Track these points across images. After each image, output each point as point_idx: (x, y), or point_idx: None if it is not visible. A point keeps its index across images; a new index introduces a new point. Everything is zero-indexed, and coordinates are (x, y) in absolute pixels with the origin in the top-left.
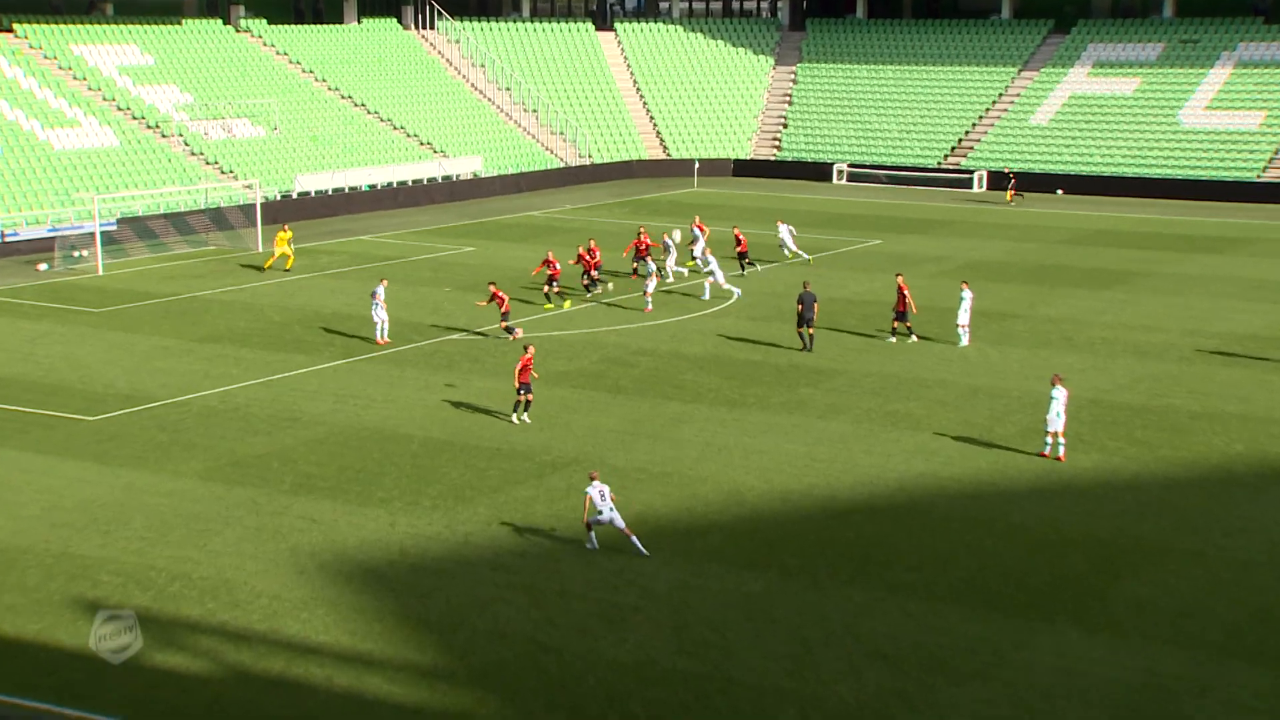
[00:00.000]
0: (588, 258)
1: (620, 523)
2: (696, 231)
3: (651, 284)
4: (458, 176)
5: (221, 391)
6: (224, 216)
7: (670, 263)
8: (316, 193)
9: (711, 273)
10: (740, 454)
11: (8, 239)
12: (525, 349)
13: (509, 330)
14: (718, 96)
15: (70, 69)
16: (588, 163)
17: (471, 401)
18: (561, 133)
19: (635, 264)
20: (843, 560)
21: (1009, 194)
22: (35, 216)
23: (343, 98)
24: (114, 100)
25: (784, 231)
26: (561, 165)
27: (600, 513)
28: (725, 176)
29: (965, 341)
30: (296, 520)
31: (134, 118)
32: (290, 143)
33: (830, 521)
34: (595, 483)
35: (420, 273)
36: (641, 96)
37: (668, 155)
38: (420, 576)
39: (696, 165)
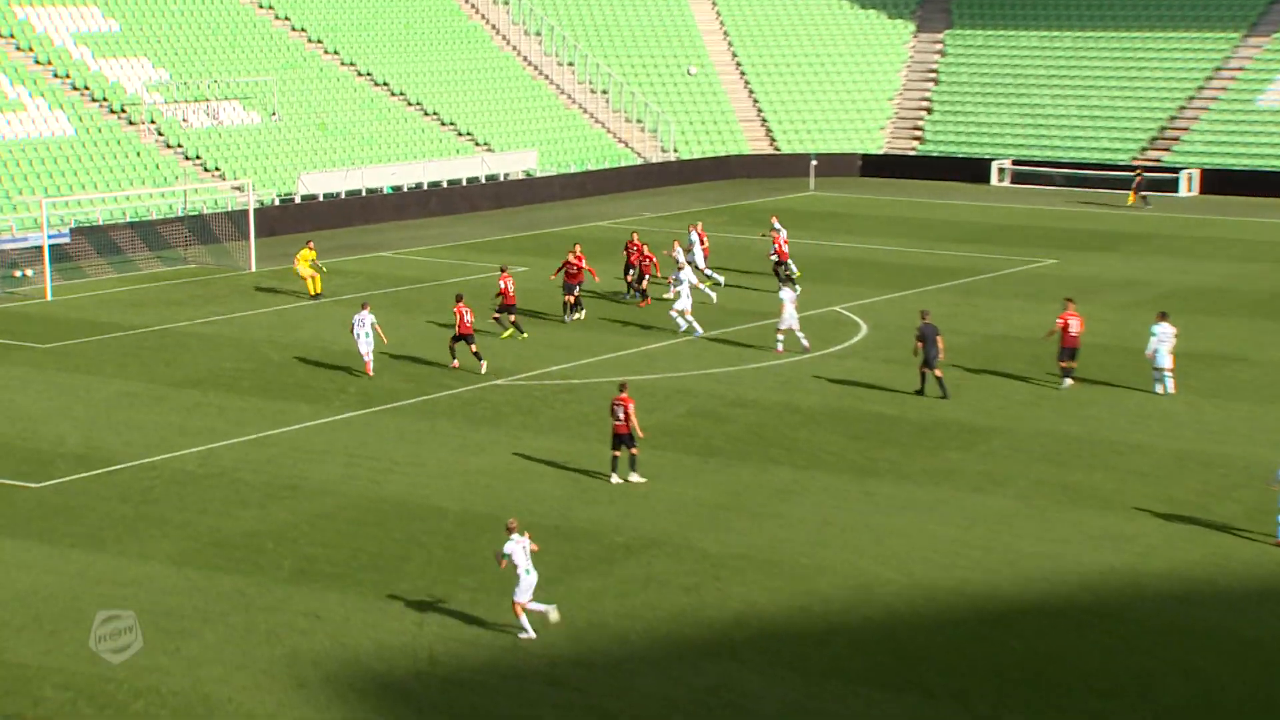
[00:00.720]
0: (639, 257)
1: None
2: (695, 238)
3: (682, 303)
4: (506, 176)
5: (202, 451)
6: (208, 227)
7: (683, 281)
8: (326, 196)
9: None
10: (869, 537)
11: None
12: (621, 388)
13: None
14: (841, 75)
15: (12, 36)
16: (672, 159)
17: (522, 465)
18: (639, 121)
19: (635, 283)
20: (1006, 682)
21: (1131, 195)
22: None
23: (359, 75)
24: (68, 77)
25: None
26: (639, 162)
27: (519, 581)
28: (850, 176)
29: (1167, 389)
30: (296, 618)
31: (93, 99)
32: (293, 133)
33: (989, 629)
34: (515, 536)
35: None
36: (743, 75)
37: (776, 150)
38: (455, 693)
39: (813, 163)
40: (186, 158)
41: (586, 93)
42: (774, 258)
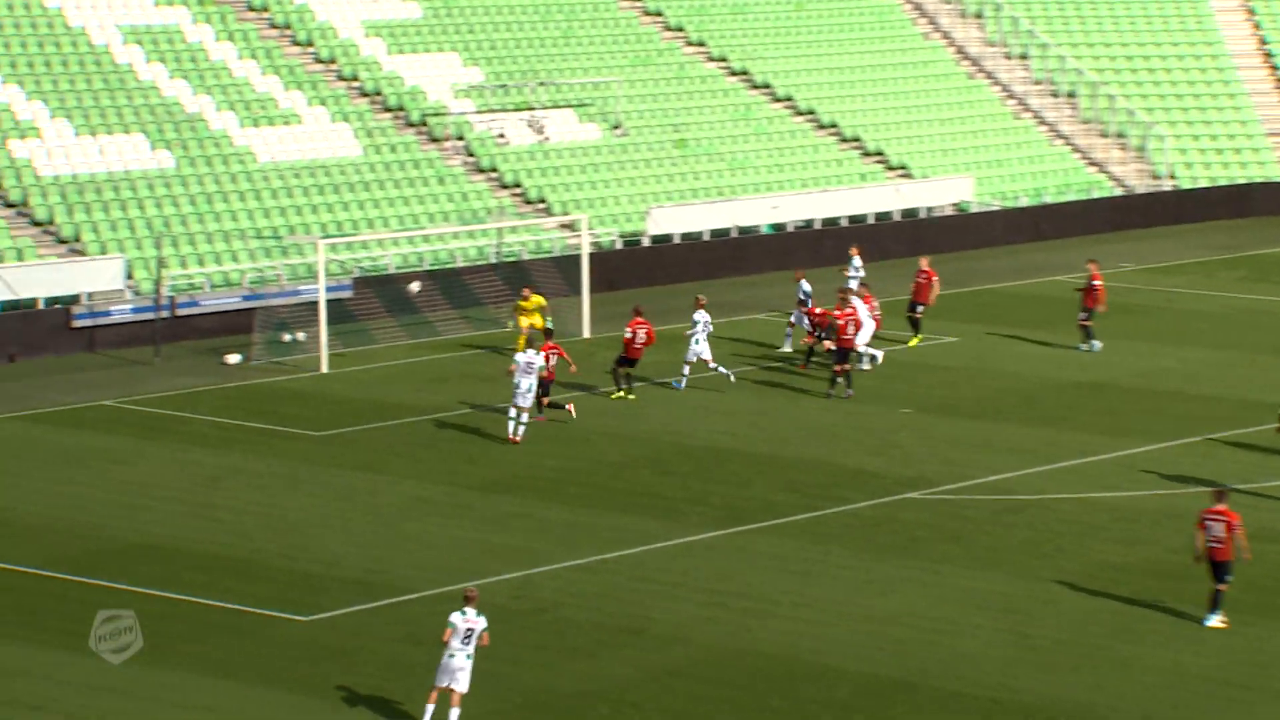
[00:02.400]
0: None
1: (460, 682)
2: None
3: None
4: (929, 212)
5: (516, 579)
6: (529, 278)
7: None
8: (684, 238)
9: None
10: None
11: (180, 310)
12: (1219, 497)
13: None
14: None
15: (288, 28)
16: (1166, 189)
17: (947, 613)
18: (1119, 135)
19: (817, 337)
20: None
21: None
22: (224, 274)
23: (731, 74)
24: (355, 80)
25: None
26: (1118, 193)
27: (453, 655)
28: None
29: None
30: None
31: (385, 109)
32: (641, 152)
33: None
34: (468, 610)
35: (856, 378)
36: (1277, 73)
37: None
38: None
39: None
40: (503, 185)
41: (1046, 97)
42: None
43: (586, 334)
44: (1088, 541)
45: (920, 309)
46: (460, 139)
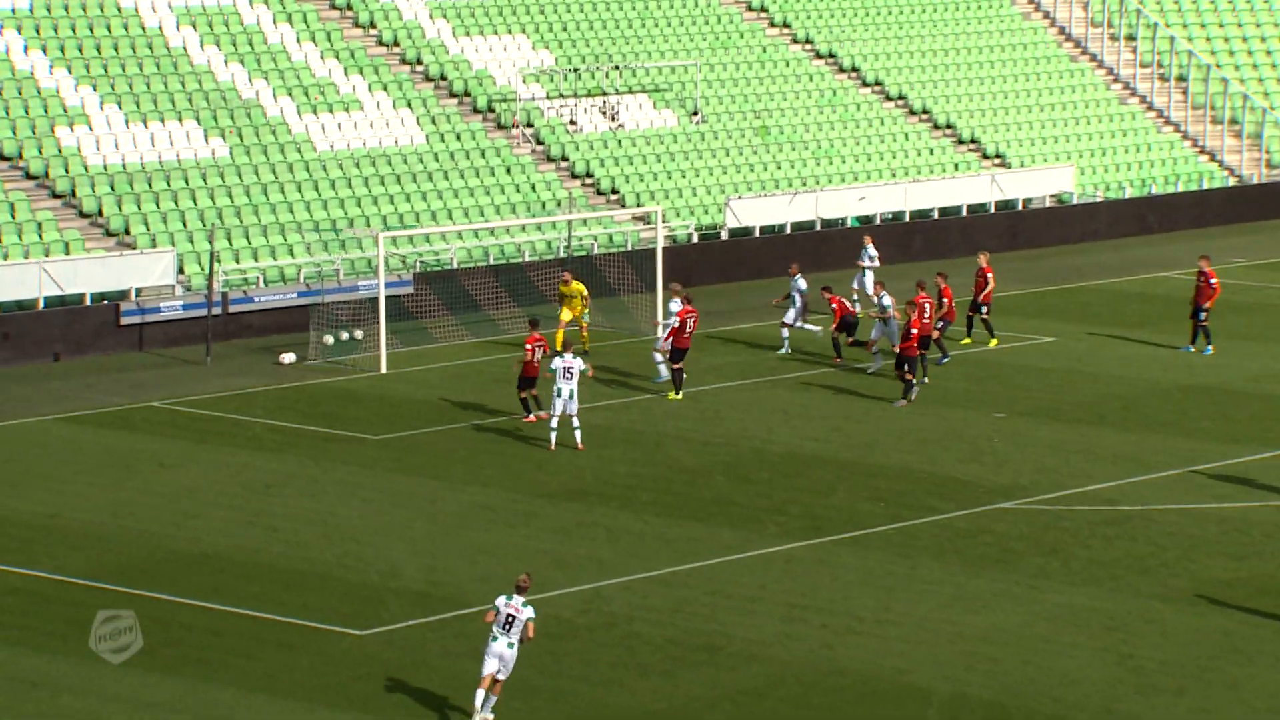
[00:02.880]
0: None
1: (502, 669)
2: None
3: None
4: (1025, 204)
5: (584, 592)
6: (600, 272)
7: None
8: (764, 231)
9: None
10: None
11: (232, 307)
12: None
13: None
14: None
15: (349, 10)
16: None
17: (1044, 630)
18: (1234, 123)
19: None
20: None
21: None
22: (279, 269)
23: (818, 57)
24: (419, 64)
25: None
26: (1231, 184)
27: (495, 639)
28: None
29: None
30: None
31: (451, 94)
32: (721, 140)
33: None
34: (516, 596)
35: (946, 380)
36: None
37: None
38: None
39: None
40: (574, 175)
41: (1153, 80)
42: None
43: (660, 328)
44: (1195, 556)
45: (986, 309)
46: (529, 126)
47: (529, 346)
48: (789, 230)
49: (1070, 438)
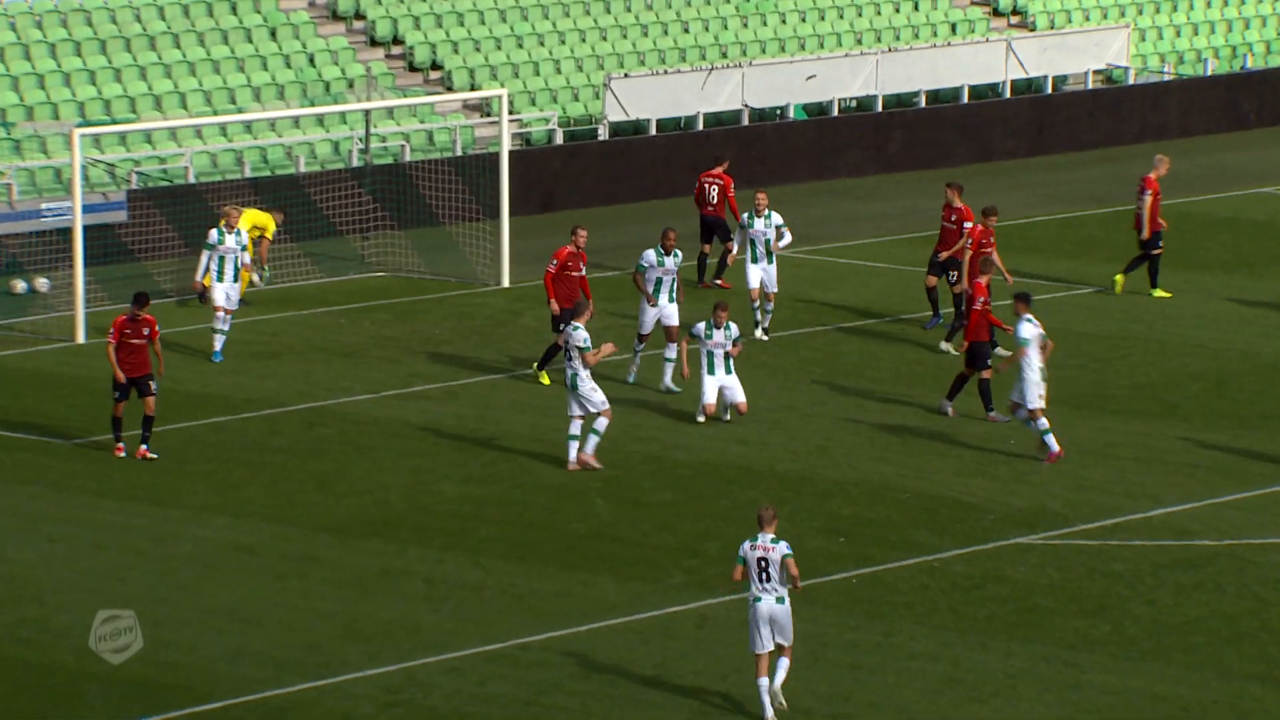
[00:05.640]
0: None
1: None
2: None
3: None
4: (1057, 85)
5: (389, 675)
6: (412, 189)
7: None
8: (664, 126)
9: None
10: None
11: None
12: None
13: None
14: None
15: None
16: None
17: None
18: None
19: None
20: None
21: None
22: None
23: None
24: None
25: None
26: None
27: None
28: None
29: None
30: None
31: None
32: None
33: None
34: (762, 536)
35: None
36: None
37: None
38: None
39: None
40: (374, 42)
41: None
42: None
43: (505, 281)
44: None
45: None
46: None
47: (119, 331)
48: (701, 125)
49: (1124, 437)
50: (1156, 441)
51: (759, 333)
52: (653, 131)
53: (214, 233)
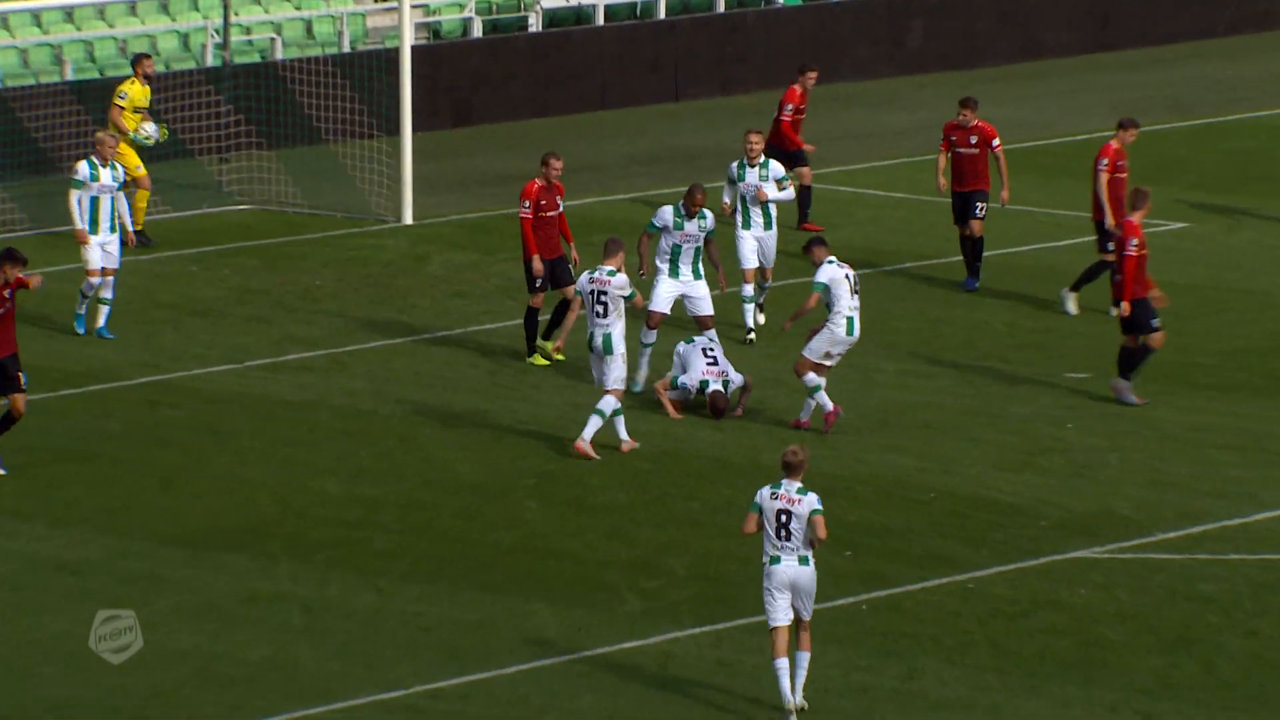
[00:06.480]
0: None
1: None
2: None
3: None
4: None
5: None
6: (289, 97)
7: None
8: (614, 14)
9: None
10: None
11: None
12: None
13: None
14: None
15: None
16: None
17: None
18: None
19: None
20: None
21: None
22: None
23: None
24: None
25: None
26: None
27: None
28: None
29: None
30: None
31: None
32: None
33: None
34: (785, 483)
35: (976, 310)
36: None
37: None
38: None
39: None
40: None
41: None
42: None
43: (408, 217)
44: None
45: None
46: None
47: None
48: (663, 12)
49: (1216, 419)
50: (1256, 425)
51: (750, 322)
52: (599, 21)
53: (83, 166)
